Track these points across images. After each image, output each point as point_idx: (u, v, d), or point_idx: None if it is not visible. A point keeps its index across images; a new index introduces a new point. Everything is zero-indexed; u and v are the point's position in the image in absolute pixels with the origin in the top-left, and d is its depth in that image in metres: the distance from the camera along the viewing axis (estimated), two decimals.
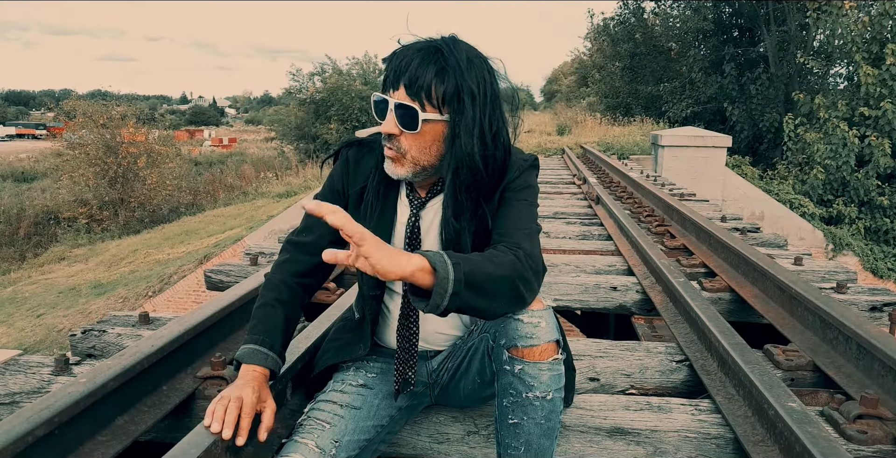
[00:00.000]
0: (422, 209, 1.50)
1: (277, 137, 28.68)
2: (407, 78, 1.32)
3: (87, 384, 1.49)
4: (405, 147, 1.37)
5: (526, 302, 1.32)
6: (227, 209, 16.03)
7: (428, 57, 1.33)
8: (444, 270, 1.17)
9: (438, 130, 1.37)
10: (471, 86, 1.33)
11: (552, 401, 1.35)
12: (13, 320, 9.59)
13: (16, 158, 33.37)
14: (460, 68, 1.32)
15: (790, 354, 2.17)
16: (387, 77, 1.37)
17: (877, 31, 12.95)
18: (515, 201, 1.45)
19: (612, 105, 23.43)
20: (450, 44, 1.34)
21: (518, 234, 1.38)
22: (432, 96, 1.32)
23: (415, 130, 1.34)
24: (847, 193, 13.41)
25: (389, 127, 1.36)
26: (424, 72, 1.32)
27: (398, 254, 1.16)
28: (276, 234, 5.50)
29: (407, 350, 1.54)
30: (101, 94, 30.20)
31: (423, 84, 1.31)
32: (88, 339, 2.31)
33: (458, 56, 1.33)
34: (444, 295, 1.17)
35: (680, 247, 4.06)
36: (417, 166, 1.40)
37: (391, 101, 1.35)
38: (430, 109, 1.33)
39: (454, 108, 1.34)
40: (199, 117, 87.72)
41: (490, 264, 1.24)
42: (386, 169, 1.43)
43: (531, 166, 1.50)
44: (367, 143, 1.55)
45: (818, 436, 1.42)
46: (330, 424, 1.43)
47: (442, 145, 1.38)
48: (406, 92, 1.33)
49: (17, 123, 75.37)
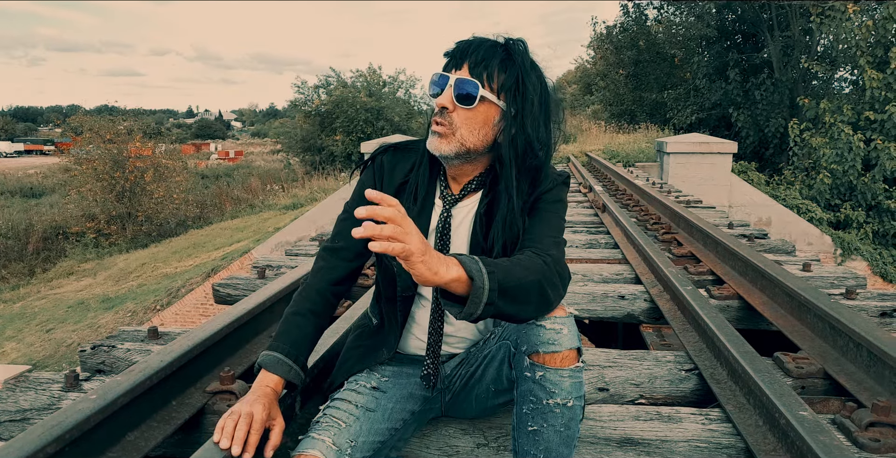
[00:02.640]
0: (454, 206, 1.53)
1: (283, 149, 28.82)
2: (472, 58, 1.39)
3: (97, 400, 1.49)
4: (457, 123, 1.41)
5: (552, 307, 1.32)
6: (234, 222, 16.08)
7: (496, 47, 1.41)
8: (481, 279, 1.16)
9: (492, 114, 1.42)
10: (529, 83, 1.40)
11: (572, 409, 1.34)
12: (23, 336, 9.63)
13: (24, 173, 33.64)
14: (524, 66, 1.40)
15: (800, 361, 2.16)
16: (451, 58, 1.42)
17: (881, 35, 12.94)
18: (547, 212, 1.48)
19: (617, 113, 23.46)
20: (518, 44, 1.42)
21: (547, 240, 1.41)
22: (494, 80, 1.39)
23: (470, 106, 1.39)
24: (854, 197, 13.37)
25: (445, 100, 1.40)
26: (491, 57, 1.39)
27: (437, 262, 1.13)
28: (283, 246, 5.51)
29: (434, 346, 1.56)
30: (107, 109, 30.38)
31: (487, 66, 1.38)
32: (98, 354, 2.31)
33: (524, 56, 1.41)
34: (479, 304, 1.16)
35: (687, 254, 4.05)
36: (463, 147, 1.43)
37: (452, 76, 1.40)
38: (489, 90, 1.39)
39: (511, 98, 1.40)
40: (206, 131, 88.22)
41: (521, 270, 1.24)
42: (429, 146, 1.45)
43: (564, 183, 1.53)
44: (402, 147, 1.58)
45: (831, 445, 1.41)
46: (346, 423, 1.43)
47: (490, 132, 1.43)
48: (469, 71, 1.39)
49: (25, 139, 76.05)
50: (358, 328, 1.75)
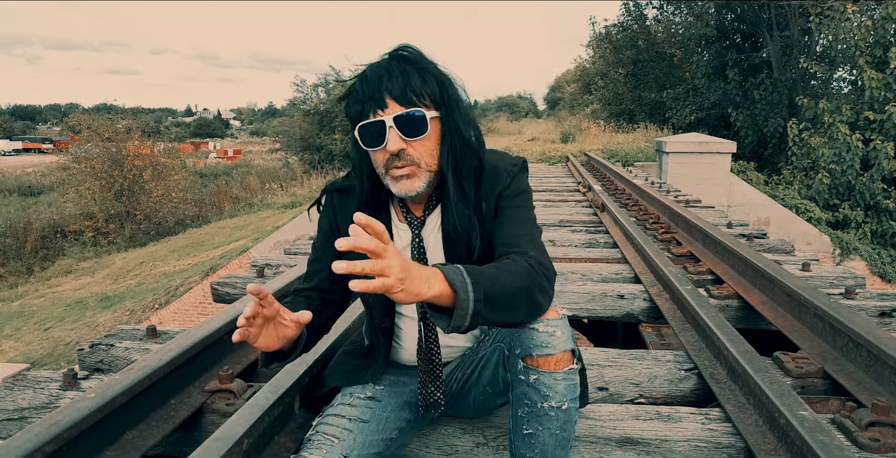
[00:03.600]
0: (422, 229, 1.48)
1: (282, 148, 28.73)
2: (391, 90, 1.30)
3: (95, 398, 1.49)
4: (417, 156, 1.34)
5: (543, 309, 1.29)
6: (232, 221, 16.06)
7: (400, 65, 1.33)
8: (465, 291, 1.12)
9: (438, 129, 1.37)
10: (446, 81, 1.36)
11: (567, 411, 1.34)
12: (21, 334, 9.62)
13: (22, 172, 33.57)
14: (434, 68, 1.35)
15: (800, 361, 2.16)
16: (365, 102, 1.33)
17: (880, 35, 12.93)
18: (513, 209, 1.43)
19: (616, 112, 23.44)
20: (410, 51, 1.36)
21: (523, 241, 1.37)
22: (424, 96, 1.33)
23: (425, 133, 1.33)
24: (853, 197, 13.37)
25: (396, 144, 1.31)
26: (406, 77, 1.31)
27: (418, 284, 1.07)
28: (282, 245, 5.50)
29: (430, 372, 1.52)
30: (106, 107, 30.29)
31: (411, 88, 1.31)
32: (96, 353, 2.31)
33: (422, 57, 1.36)
34: (465, 317, 1.13)
35: (686, 254, 4.05)
36: (431, 174, 1.38)
37: (386, 117, 1.31)
38: (427, 108, 1.34)
39: (443, 102, 1.35)
40: (204, 129, 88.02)
41: (507, 276, 1.21)
42: (398, 191, 1.37)
43: (521, 170, 1.48)
44: (343, 188, 1.53)
45: (830, 445, 1.41)
46: (338, 438, 1.42)
47: (440, 146, 1.38)
48: (399, 104, 1.31)
49: (23, 137, 75.92)
50: (350, 344, 1.72)
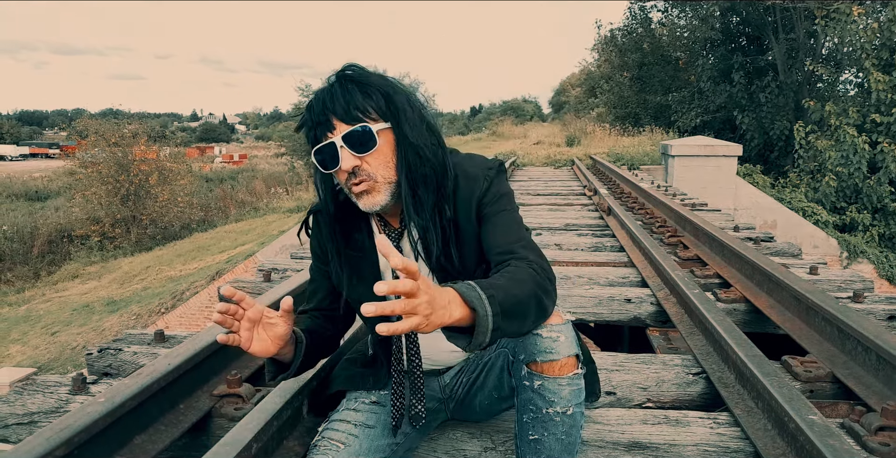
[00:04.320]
0: (400, 240, 1.46)
1: (287, 152, 28.82)
2: (336, 111, 1.31)
3: (105, 403, 1.49)
4: (372, 170, 1.33)
5: (549, 314, 1.28)
6: (238, 225, 16.09)
7: (342, 85, 1.33)
8: (482, 307, 1.07)
9: (391, 139, 1.35)
10: (392, 92, 1.34)
11: (572, 416, 1.33)
12: (28, 338, 9.66)
13: (30, 177, 33.75)
14: (377, 81, 1.34)
15: (808, 365, 2.15)
16: (313, 127, 1.34)
17: (886, 38, 12.92)
18: (497, 215, 1.40)
19: (621, 115, 23.43)
20: (351, 68, 1.36)
21: (517, 247, 1.34)
22: (370, 111, 1.32)
23: (375, 147, 1.32)
24: (860, 200, 13.33)
25: (349, 162, 1.31)
26: (350, 97, 1.31)
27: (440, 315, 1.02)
28: (288, 249, 5.51)
29: (413, 386, 1.51)
30: (112, 112, 30.48)
31: (356, 106, 1.31)
32: (105, 357, 2.32)
33: (366, 72, 1.35)
34: (486, 333, 1.08)
35: (693, 258, 4.04)
36: (390, 185, 1.35)
37: (336, 138, 1.31)
38: (374, 122, 1.33)
39: (392, 112, 1.34)
40: (210, 134, 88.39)
41: (515, 285, 1.18)
42: (363, 207, 1.37)
43: (498, 172, 1.45)
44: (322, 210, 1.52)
45: (840, 449, 1.40)
46: (344, 444, 1.42)
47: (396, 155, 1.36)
48: (345, 122, 1.31)
49: (30, 142, 76.15)
50: (355, 353, 1.72)
